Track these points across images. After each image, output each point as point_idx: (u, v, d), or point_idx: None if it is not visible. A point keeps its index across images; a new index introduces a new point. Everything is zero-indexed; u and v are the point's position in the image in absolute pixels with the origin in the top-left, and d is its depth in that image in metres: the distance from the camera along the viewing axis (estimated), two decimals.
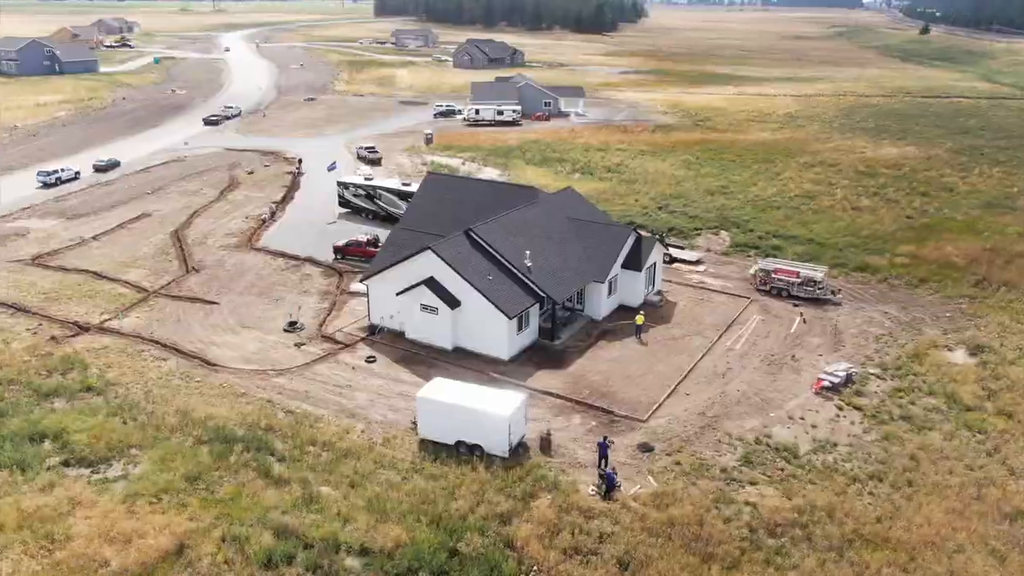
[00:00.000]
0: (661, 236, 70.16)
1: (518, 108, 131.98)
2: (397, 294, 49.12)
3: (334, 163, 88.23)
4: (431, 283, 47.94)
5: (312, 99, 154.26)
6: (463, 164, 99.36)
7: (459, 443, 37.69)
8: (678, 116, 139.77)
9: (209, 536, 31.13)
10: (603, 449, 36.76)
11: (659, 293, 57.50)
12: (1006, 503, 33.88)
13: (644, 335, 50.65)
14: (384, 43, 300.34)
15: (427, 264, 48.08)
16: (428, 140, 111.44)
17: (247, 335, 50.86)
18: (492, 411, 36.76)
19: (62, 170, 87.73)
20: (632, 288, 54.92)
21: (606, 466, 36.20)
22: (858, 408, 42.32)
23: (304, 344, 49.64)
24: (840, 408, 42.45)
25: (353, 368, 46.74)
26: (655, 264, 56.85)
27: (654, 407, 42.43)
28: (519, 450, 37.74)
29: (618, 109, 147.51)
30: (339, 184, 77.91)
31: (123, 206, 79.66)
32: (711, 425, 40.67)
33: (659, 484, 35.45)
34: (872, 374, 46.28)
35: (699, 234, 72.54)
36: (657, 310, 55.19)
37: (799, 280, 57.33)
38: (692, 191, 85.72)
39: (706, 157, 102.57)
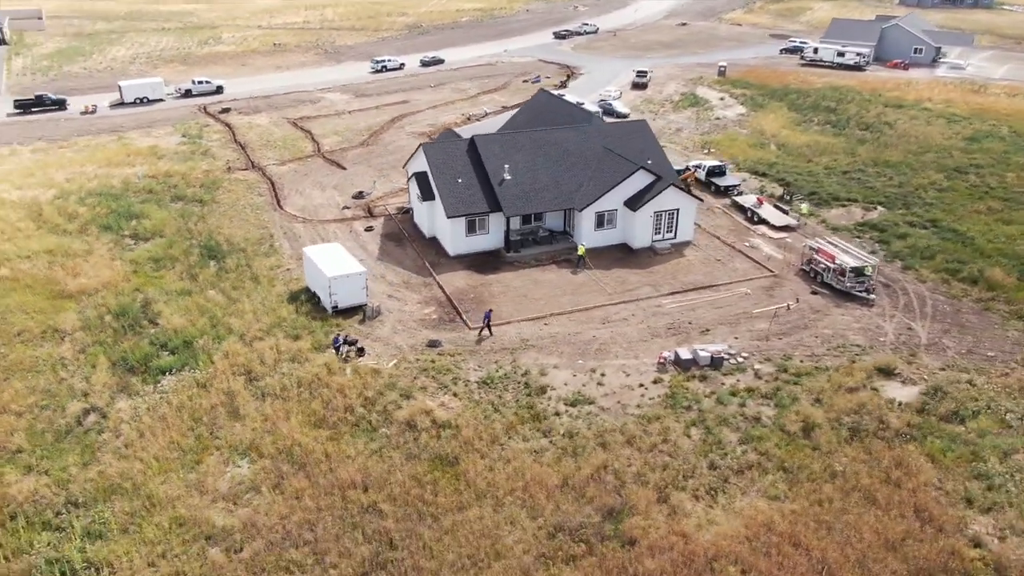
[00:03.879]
0: (790, 195, 63.03)
1: (864, 52, 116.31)
2: (407, 181, 57.44)
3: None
4: (421, 176, 55.10)
5: (684, 24, 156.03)
6: (721, 99, 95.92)
7: (314, 293, 46.57)
8: None
9: (111, 289, 46.65)
10: (486, 318, 43.37)
11: (682, 243, 54.37)
12: (552, 511, 30.53)
13: (588, 270, 50.46)
14: None
15: (423, 160, 55.19)
16: (721, 72, 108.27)
17: (327, 193, 64.67)
18: (324, 271, 44.60)
19: (389, 60, 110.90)
20: (632, 228, 53.50)
21: (488, 327, 43.01)
22: (668, 387, 38.52)
23: (348, 208, 61.54)
24: (656, 382, 39.15)
25: (350, 231, 57.32)
26: (677, 211, 53.70)
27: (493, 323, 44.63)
28: (344, 311, 44.96)
29: (1011, 66, 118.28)
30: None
31: (402, 93, 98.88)
32: (515, 350, 41.79)
33: (388, 367, 39.81)
34: (756, 369, 40.21)
35: (846, 206, 62.38)
36: (654, 257, 53.05)
37: (833, 266, 48.59)
38: (917, 162, 71.17)
39: None
